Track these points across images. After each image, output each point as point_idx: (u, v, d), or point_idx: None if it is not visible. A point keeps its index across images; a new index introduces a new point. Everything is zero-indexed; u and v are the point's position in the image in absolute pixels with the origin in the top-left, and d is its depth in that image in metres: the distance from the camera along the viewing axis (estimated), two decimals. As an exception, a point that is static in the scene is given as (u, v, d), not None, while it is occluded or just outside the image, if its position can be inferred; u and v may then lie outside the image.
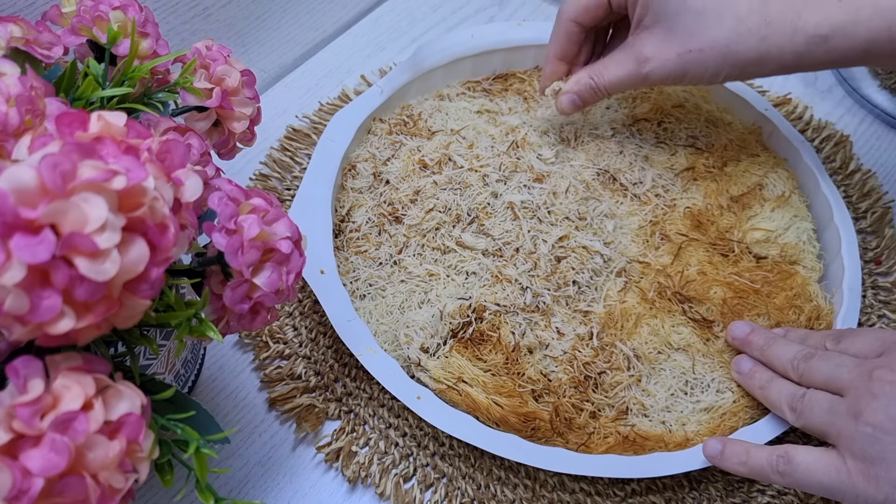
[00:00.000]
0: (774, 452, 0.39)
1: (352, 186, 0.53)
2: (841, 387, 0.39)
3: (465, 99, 0.58)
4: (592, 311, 0.47)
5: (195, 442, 0.28)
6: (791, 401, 0.41)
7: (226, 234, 0.29)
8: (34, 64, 0.32)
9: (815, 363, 0.41)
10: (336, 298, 0.46)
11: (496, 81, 0.60)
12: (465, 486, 0.44)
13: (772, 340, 0.44)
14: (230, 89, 0.36)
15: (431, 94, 0.59)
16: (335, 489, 0.45)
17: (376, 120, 0.56)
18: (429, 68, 0.57)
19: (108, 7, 0.34)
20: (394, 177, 0.52)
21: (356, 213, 0.51)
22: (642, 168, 0.54)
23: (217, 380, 0.48)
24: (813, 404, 0.40)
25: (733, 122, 0.58)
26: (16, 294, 0.20)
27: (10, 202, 0.20)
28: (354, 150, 0.55)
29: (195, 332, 0.28)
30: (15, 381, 0.23)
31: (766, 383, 0.43)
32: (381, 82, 0.56)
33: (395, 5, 0.72)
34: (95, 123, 0.24)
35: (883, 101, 0.65)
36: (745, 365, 0.45)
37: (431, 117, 0.56)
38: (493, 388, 0.43)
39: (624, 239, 0.50)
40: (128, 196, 0.22)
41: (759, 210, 0.52)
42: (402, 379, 0.44)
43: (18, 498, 0.22)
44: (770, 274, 0.49)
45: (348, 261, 0.49)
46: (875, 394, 0.37)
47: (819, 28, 0.42)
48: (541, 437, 0.43)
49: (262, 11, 0.63)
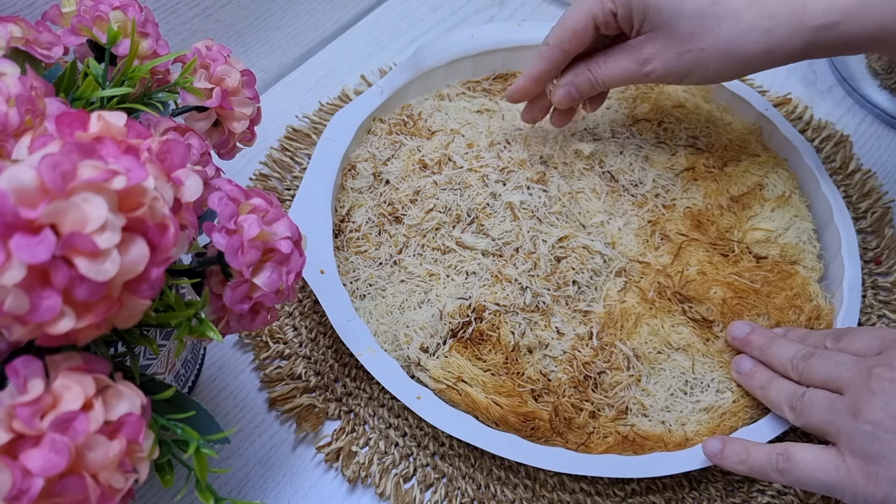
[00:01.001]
0: (774, 450, 0.39)
1: (352, 186, 0.53)
2: (840, 385, 0.39)
3: (464, 99, 0.59)
4: (592, 310, 0.47)
5: (195, 442, 0.28)
6: (791, 400, 0.41)
7: (226, 234, 0.29)
8: (34, 64, 0.32)
9: (814, 362, 0.41)
10: (336, 298, 0.46)
11: (496, 81, 0.60)
12: (465, 486, 0.44)
13: (771, 340, 0.44)
14: (230, 89, 0.36)
15: (431, 93, 0.59)
16: (335, 489, 0.45)
17: (376, 120, 0.56)
18: (429, 68, 0.57)
19: (108, 7, 0.34)
20: (394, 177, 0.52)
21: (356, 213, 0.51)
22: (643, 168, 0.54)
23: (217, 380, 0.48)
24: (813, 403, 0.40)
25: (733, 122, 0.58)
26: (16, 294, 0.20)
27: (10, 202, 0.20)
28: (354, 150, 0.55)
29: (195, 332, 0.28)
30: (15, 381, 0.23)
31: (767, 383, 0.43)
32: (381, 82, 0.56)
33: (395, 5, 0.72)
34: (95, 123, 0.24)
35: (883, 101, 0.65)
36: (745, 365, 0.45)
37: (431, 117, 0.56)
38: (492, 388, 0.43)
39: (624, 239, 0.50)
40: (128, 196, 0.22)
41: (760, 210, 0.52)
42: (402, 379, 0.44)
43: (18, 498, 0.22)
44: (770, 274, 0.49)
45: (348, 261, 0.49)
46: (874, 391, 0.37)
47: (828, 16, 0.42)
48: (540, 436, 0.43)
49: (262, 11, 0.63)
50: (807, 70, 0.69)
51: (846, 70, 0.67)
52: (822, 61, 0.69)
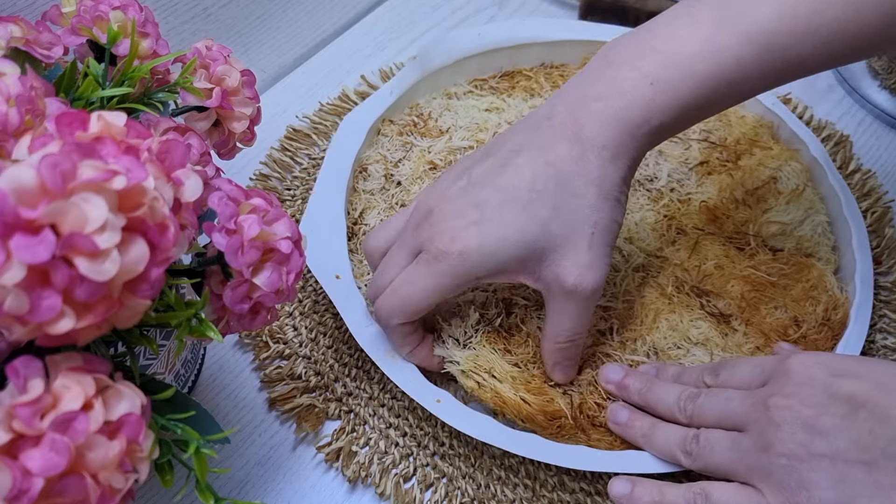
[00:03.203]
0: (690, 490, 0.38)
1: (363, 188, 0.53)
2: (737, 423, 0.38)
3: (473, 97, 0.59)
4: (612, 306, 0.47)
5: (195, 442, 0.28)
6: (683, 444, 0.39)
7: (226, 234, 0.29)
8: (34, 64, 0.32)
9: (703, 401, 0.40)
10: (353, 304, 0.46)
11: (503, 79, 0.60)
12: (465, 486, 0.44)
13: (649, 383, 0.42)
14: (230, 89, 0.36)
15: (439, 92, 0.59)
16: (335, 489, 0.45)
17: (386, 121, 0.56)
18: (436, 67, 0.58)
19: (108, 7, 0.34)
20: (405, 178, 0.52)
21: (369, 215, 0.52)
22: (657, 163, 0.54)
23: (217, 380, 0.48)
24: (712, 444, 0.38)
25: (746, 116, 0.58)
26: (16, 294, 0.20)
27: (10, 202, 0.20)
28: (365, 152, 0.55)
29: (195, 332, 0.28)
30: (15, 381, 0.23)
31: (649, 430, 0.41)
32: (390, 83, 0.57)
33: (395, 5, 0.72)
34: (95, 123, 0.24)
35: (883, 101, 0.65)
36: (622, 415, 0.42)
37: (441, 116, 0.56)
38: (521, 384, 0.43)
39: (641, 234, 0.50)
40: (128, 196, 0.22)
41: (774, 203, 0.53)
42: (422, 383, 0.44)
43: (18, 498, 0.22)
44: (786, 266, 0.49)
45: (363, 263, 0.50)
46: (778, 423, 0.36)
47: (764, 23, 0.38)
48: (564, 434, 0.43)
49: (262, 11, 0.63)
50: (807, 70, 0.69)
51: (846, 70, 0.67)
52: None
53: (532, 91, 0.59)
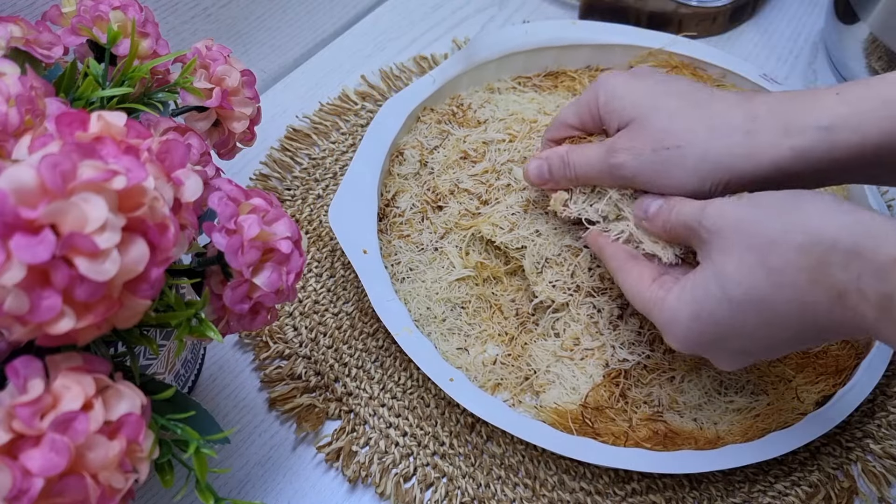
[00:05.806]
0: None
1: (398, 172, 0.54)
2: None
3: (514, 93, 0.59)
4: None
5: (195, 442, 0.28)
6: None
7: (226, 234, 0.29)
8: (34, 64, 0.32)
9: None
10: (377, 278, 0.47)
11: (547, 78, 0.60)
12: (465, 486, 0.44)
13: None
14: (230, 89, 0.36)
15: (482, 86, 0.59)
16: (335, 489, 0.45)
17: (426, 109, 0.57)
18: (481, 61, 0.58)
19: (108, 7, 0.34)
20: (438, 165, 0.53)
21: (401, 199, 0.52)
22: None
23: (217, 380, 0.48)
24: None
25: None
26: (16, 294, 0.20)
27: (10, 202, 0.20)
28: (403, 137, 0.55)
29: (195, 332, 0.28)
30: (15, 381, 0.23)
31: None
32: (433, 72, 0.57)
33: (395, 5, 0.72)
34: (95, 123, 0.24)
35: (883, 101, 0.64)
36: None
37: (481, 108, 0.57)
38: None
39: None
40: (128, 196, 0.22)
41: None
42: (436, 360, 0.44)
43: (18, 498, 0.22)
44: None
45: (391, 244, 0.51)
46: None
47: (820, 120, 0.38)
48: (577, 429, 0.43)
49: (262, 11, 0.63)
50: (807, 70, 0.69)
51: (846, 70, 0.67)
52: (822, 60, 0.69)
53: (575, 91, 0.59)
